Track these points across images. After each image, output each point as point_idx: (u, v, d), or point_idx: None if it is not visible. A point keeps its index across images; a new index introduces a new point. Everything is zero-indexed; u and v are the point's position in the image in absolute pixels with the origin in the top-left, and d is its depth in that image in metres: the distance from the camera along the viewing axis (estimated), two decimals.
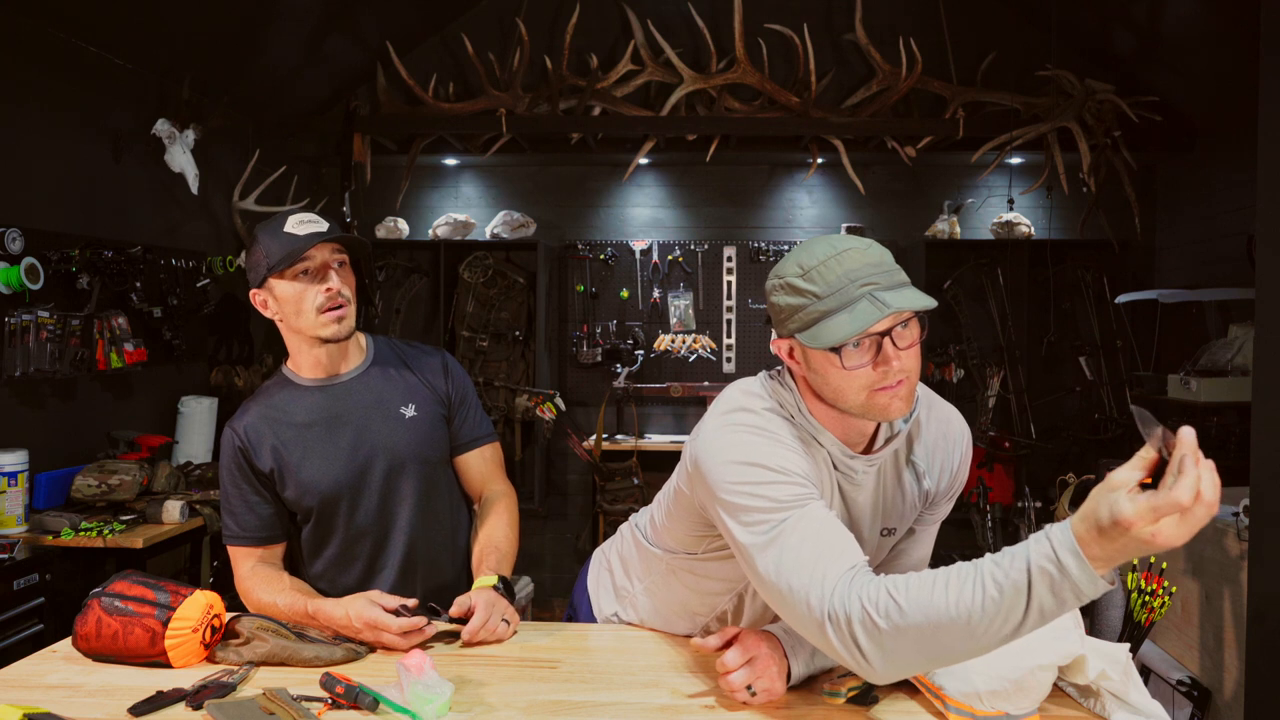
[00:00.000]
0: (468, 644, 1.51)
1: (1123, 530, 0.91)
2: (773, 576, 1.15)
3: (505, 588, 1.63)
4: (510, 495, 1.85)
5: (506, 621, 1.57)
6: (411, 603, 1.52)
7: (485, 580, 1.63)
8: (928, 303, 1.16)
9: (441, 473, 1.79)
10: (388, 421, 1.72)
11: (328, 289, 1.61)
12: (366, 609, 1.49)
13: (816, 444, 1.29)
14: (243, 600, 1.69)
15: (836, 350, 1.18)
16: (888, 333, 1.18)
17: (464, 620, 1.53)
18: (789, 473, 1.21)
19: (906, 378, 1.20)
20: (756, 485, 1.20)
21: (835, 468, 1.31)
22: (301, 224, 1.61)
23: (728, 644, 1.28)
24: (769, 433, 1.25)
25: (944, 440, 1.40)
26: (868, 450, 1.33)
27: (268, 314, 1.68)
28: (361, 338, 1.77)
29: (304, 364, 1.72)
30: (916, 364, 1.22)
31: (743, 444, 1.24)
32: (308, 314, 1.63)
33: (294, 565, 1.78)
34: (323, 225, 1.62)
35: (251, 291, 1.67)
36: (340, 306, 1.64)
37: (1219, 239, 4.33)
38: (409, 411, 1.74)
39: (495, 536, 1.74)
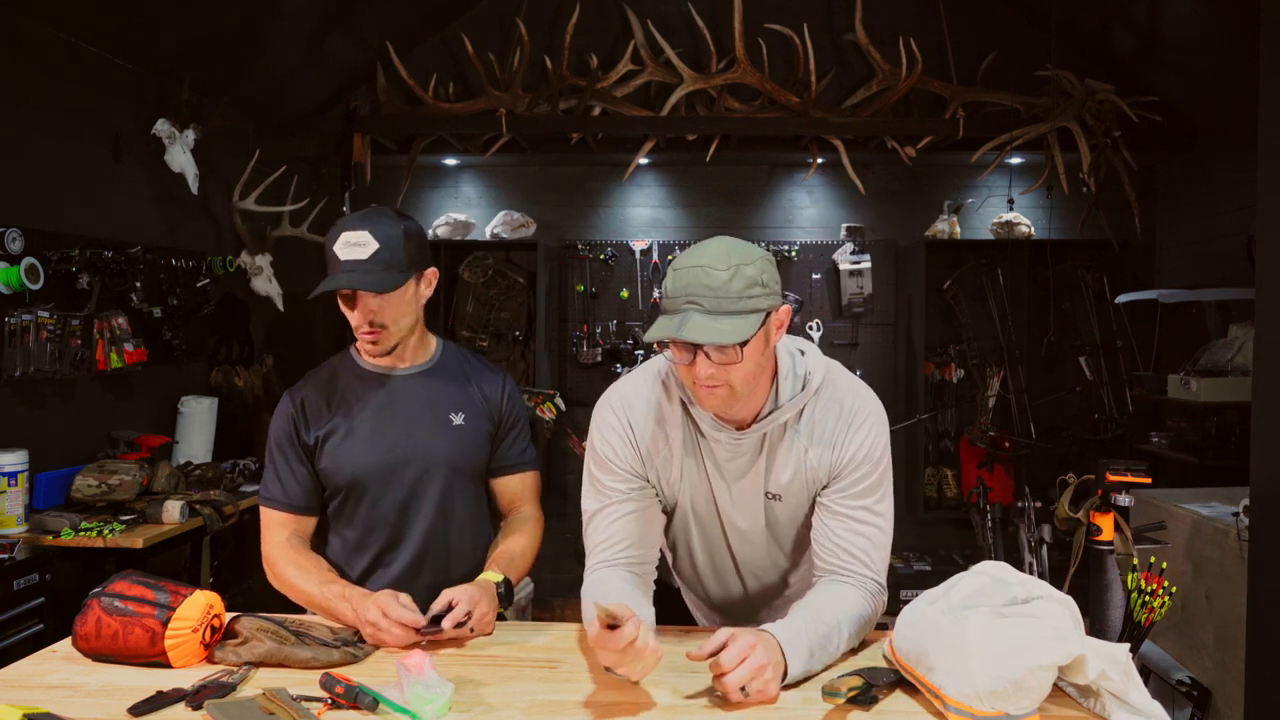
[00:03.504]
0: (451, 637, 1.52)
1: None
2: (583, 520, 1.58)
3: (506, 589, 1.64)
4: (539, 520, 1.88)
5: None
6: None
7: (490, 575, 1.64)
8: (717, 339, 1.29)
9: (471, 485, 1.81)
10: (434, 425, 1.75)
11: (358, 324, 1.68)
12: (380, 613, 1.50)
13: (685, 410, 1.51)
14: (267, 569, 1.71)
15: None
16: (700, 346, 1.33)
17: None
18: (615, 468, 1.53)
19: (723, 385, 1.36)
20: (594, 468, 1.56)
21: (701, 433, 1.50)
22: (346, 247, 1.64)
23: (723, 646, 1.28)
24: (616, 415, 1.54)
25: (833, 417, 1.49)
26: (752, 424, 1.48)
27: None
28: (431, 339, 1.82)
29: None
30: (743, 374, 1.36)
31: (598, 430, 1.56)
32: (354, 328, 1.71)
33: (316, 544, 1.81)
34: (365, 251, 1.63)
35: None
36: (375, 332, 1.68)
37: (1219, 239, 4.33)
38: (457, 420, 1.77)
39: (512, 547, 1.77)
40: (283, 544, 1.70)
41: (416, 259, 1.69)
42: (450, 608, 1.51)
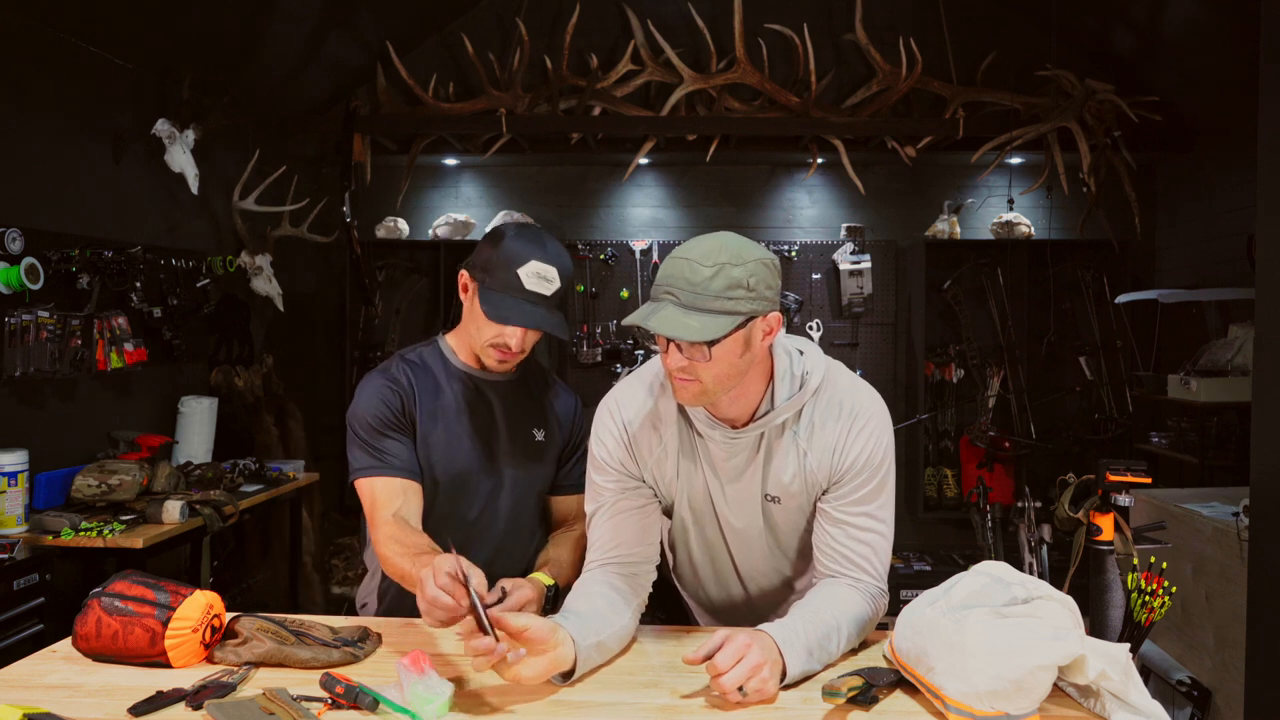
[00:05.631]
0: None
1: None
2: (587, 525, 1.57)
3: (554, 594, 1.62)
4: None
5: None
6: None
7: (543, 578, 1.61)
8: (681, 334, 1.29)
9: (539, 501, 1.82)
10: (517, 438, 1.75)
11: (506, 342, 1.63)
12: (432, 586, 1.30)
13: (681, 409, 1.51)
14: (376, 550, 1.59)
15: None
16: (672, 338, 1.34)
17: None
18: (607, 468, 1.53)
19: (694, 380, 1.36)
20: (591, 470, 1.57)
21: (698, 432, 1.50)
22: (533, 278, 1.60)
23: (720, 647, 1.28)
24: (612, 417, 1.54)
25: (833, 420, 1.47)
26: (748, 424, 1.47)
27: (463, 296, 1.69)
28: None
29: (463, 349, 1.75)
30: (714, 374, 1.36)
31: (594, 432, 1.56)
32: (481, 336, 1.65)
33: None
34: (550, 289, 1.61)
35: (463, 270, 1.69)
36: (515, 355, 1.66)
37: (1219, 239, 4.33)
38: (538, 435, 1.77)
39: (563, 557, 1.73)
40: (392, 520, 1.58)
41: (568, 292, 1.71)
42: (504, 593, 1.50)
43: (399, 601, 1.76)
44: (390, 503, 1.62)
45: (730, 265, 1.31)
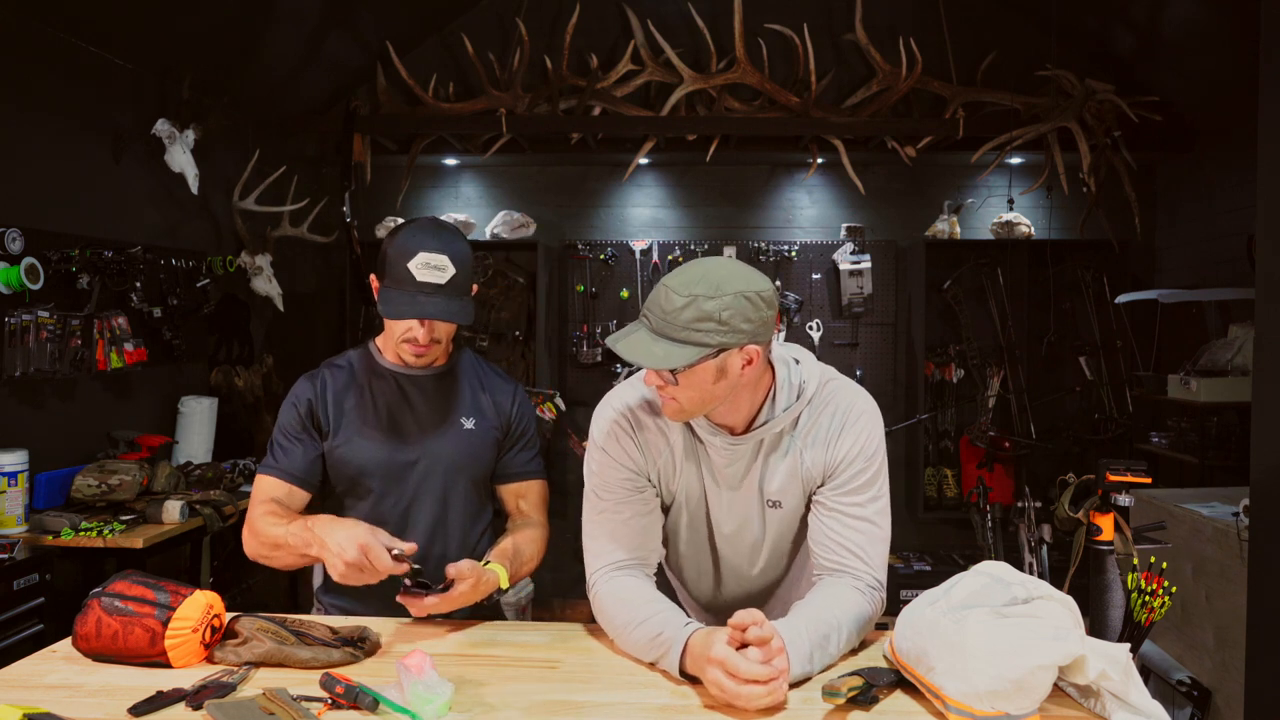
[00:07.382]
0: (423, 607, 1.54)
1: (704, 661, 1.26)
2: (584, 527, 1.57)
3: (498, 593, 1.65)
4: (544, 527, 1.86)
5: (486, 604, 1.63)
6: (409, 548, 1.52)
7: (499, 569, 1.63)
8: (643, 360, 1.34)
9: (474, 490, 1.83)
10: (445, 427, 1.77)
11: (414, 336, 1.67)
12: (366, 536, 1.49)
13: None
14: (245, 529, 1.70)
15: None
16: None
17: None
18: (618, 465, 1.54)
19: (672, 399, 1.41)
20: (597, 468, 1.56)
21: (699, 438, 1.52)
22: (424, 269, 1.62)
23: (767, 637, 1.27)
24: (620, 414, 1.55)
25: (827, 418, 1.52)
26: (746, 431, 1.50)
27: (376, 298, 1.72)
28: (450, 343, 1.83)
29: (389, 350, 1.80)
30: (687, 398, 1.40)
31: (600, 431, 1.56)
32: (393, 336, 1.72)
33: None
34: (443, 276, 1.63)
35: (372, 274, 1.74)
36: (429, 348, 1.70)
37: (1219, 239, 4.33)
38: (467, 424, 1.79)
39: (522, 549, 1.75)
40: (265, 500, 1.70)
41: (472, 276, 1.71)
42: (447, 583, 1.53)
43: (338, 588, 1.80)
44: (274, 492, 1.72)
45: (704, 298, 1.33)
